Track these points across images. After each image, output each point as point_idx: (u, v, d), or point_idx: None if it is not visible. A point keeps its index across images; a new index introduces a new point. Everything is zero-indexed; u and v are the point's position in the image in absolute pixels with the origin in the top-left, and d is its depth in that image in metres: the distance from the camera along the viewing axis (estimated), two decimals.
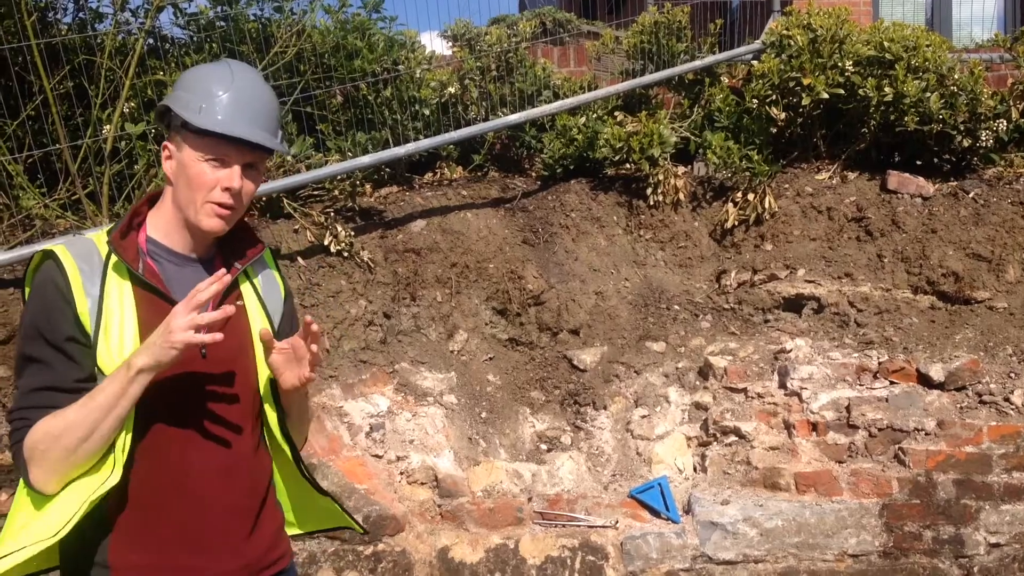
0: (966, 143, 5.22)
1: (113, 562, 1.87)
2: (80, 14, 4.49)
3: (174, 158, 1.94)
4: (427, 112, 5.19)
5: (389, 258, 4.76)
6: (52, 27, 4.26)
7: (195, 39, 4.62)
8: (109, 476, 1.83)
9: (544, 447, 4.53)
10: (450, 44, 5.75)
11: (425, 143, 4.91)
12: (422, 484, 4.05)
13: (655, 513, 4.08)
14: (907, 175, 5.14)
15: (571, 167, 5.46)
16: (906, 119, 5.04)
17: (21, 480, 1.88)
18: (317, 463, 3.88)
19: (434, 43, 5.91)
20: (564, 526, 3.98)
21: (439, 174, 5.52)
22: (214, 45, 4.56)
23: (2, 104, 3.87)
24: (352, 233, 4.64)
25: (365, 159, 4.65)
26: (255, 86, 1.99)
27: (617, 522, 4.00)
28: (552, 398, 4.74)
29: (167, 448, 1.91)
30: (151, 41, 4.47)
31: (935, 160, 5.31)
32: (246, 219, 2.12)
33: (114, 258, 1.91)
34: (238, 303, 2.04)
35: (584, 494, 4.16)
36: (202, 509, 1.94)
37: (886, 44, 5.14)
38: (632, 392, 4.70)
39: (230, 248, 2.08)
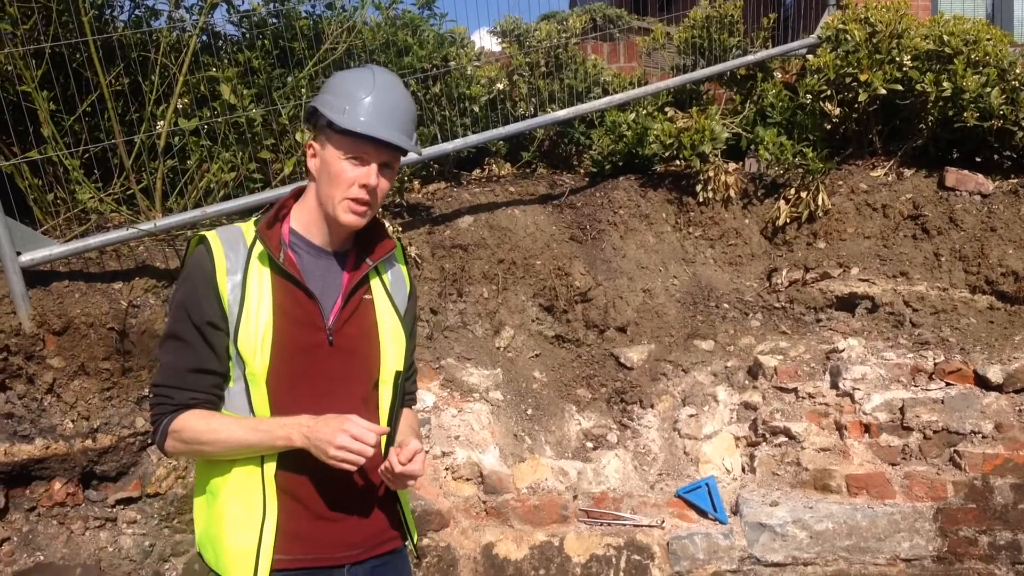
0: None
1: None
2: (136, 11, 4.56)
3: (318, 156, 2.09)
4: (476, 108, 5.18)
5: (436, 254, 4.77)
6: (108, 24, 4.33)
7: (248, 36, 4.67)
8: (266, 457, 2.03)
9: (590, 445, 4.50)
10: (499, 40, 5.75)
11: (473, 139, 4.91)
12: (467, 480, 4.05)
13: (702, 513, 4.03)
14: (966, 172, 5.01)
15: (620, 164, 5.43)
16: (965, 115, 4.92)
17: (196, 490, 2.16)
18: None
19: (483, 40, 5.91)
20: (609, 525, 3.95)
21: (487, 170, 5.52)
22: (267, 42, 4.60)
23: (60, 100, 3.95)
24: (400, 228, 4.66)
25: (413, 155, 4.65)
26: (395, 91, 2.12)
27: (663, 522, 3.96)
28: (598, 396, 4.71)
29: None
30: (204, 38, 4.52)
31: (995, 157, 5.16)
32: (379, 218, 2.28)
33: (258, 246, 2.07)
34: (366, 296, 2.17)
35: (630, 493, 4.13)
36: (323, 483, 2.07)
37: (945, 38, 5.02)
38: (680, 391, 4.65)
39: (364, 244, 2.20)
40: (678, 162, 5.30)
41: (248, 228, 2.13)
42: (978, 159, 5.18)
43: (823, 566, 3.90)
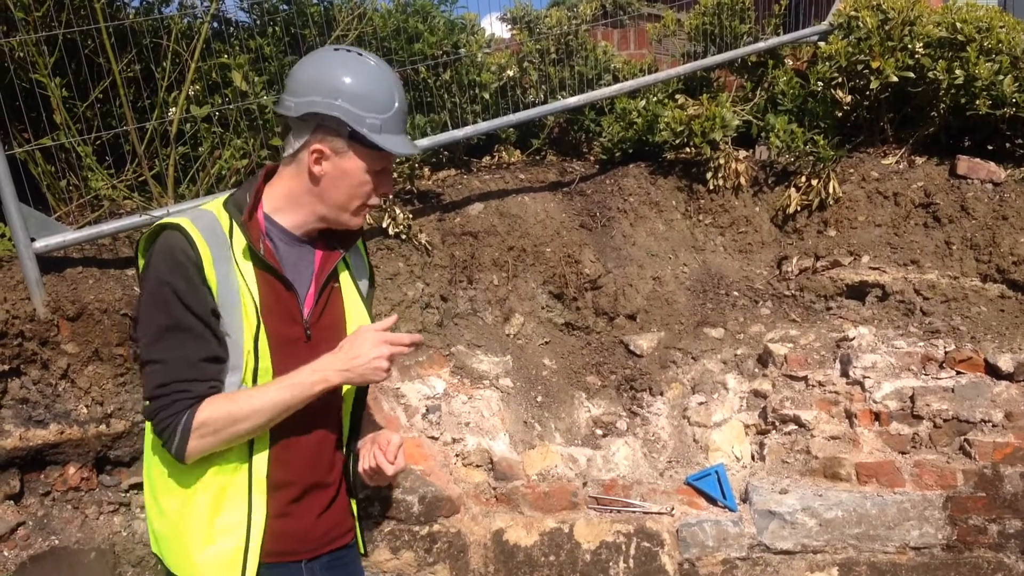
0: None
1: None
2: None
3: (330, 162, 2.01)
4: (486, 95, 5.18)
5: (446, 241, 4.78)
6: (121, 11, 4.33)
7: (259, 23, 4.67)
8: (255, 457, 1.99)
9: (599, 432, 4.51)
10: (509, 27, 5.73)
11: (483, 126, 4.90)
12: (477, 466, 4.07)
13: (712, 501, 4.05)
14: (977, 160, 4.99)
15: (630, 151, 5.42)
16: (977, 103, 4.89)
17: (161, 493, 2.02)
18: None
19: (493, 26, 5.90)
20: (619, 512, 3.97)
21: (497, 157, 5.52)
22: (278, 28, 4.60)
23: (72, 86, 3.96)
24: (410, 216, 4.66)
25: (424, 142, 4.66)
26: (402, 89, 2.08)
27: (673, 509, 3.98)
28: (608, 383, 4.72)
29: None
30: (216, 25, 4.53)
31: (1007, 145, 5.14)
32: None
33: (238, 235, 1.98)
34: (335, 285, 2.14)
35: (639, 480, 4.14)
36: (291, 480, 2.05)
37: (958, 25, 4.99)
38: (689, 378, 4.66)
39: (330, 231, 2.15)
40: (688, 149, 5.29)
41: (220, 212, 2.03)
42: (990, 147, 5.16)
43: (832, 554, 3.91)
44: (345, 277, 2.18)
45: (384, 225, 4.55)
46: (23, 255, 3.63)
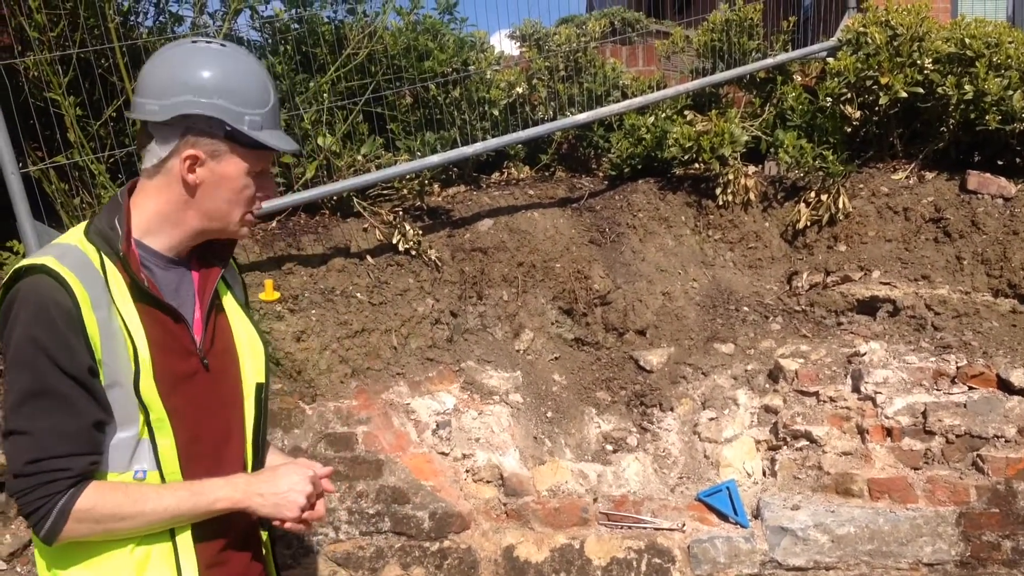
0: None
1: None
2: (160, 18, 4.61)
3: (206, 167, 1.79)
4: (495, 112, 5.21)
5: (456, 257, 4.79)
6: (134, 30, 4.38)
7: (270, 42, 4.71)
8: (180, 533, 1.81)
9: (610, 448, 4.51)
10: (518, 44, 5.77)
11: (493, 143, 4.93)
12: (487, 482, 4.07)
13: (723, 517, 4.03)
14: (988, 175, 4.99)
15: (639, 167, 5.44)
16: (987, 118, 4.89)
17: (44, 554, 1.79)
18: (385, 459, 3.93)
19: (503, 43, 5.94)
20: (630, 528, 3.96)
21: (506, 174, 5.54)
22: (289, 47, 4.64)
23: (86, 105, 3.99)
24: (420, 232, 4.68)
25: (434, 159, 4.68)
26: (273, 84, 1.89)
27: (684, 525, 3.96)
28: (618, 399, 4.71)
29: (185, 462, 1.84)
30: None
31: (1017, 160, 5.13)
32: None
33: (112, 269, 1.76)
34: (218, 304, 1.98)
35: (650, 496, 4.13)
36: (220, 528, 1.88)
37: (967, 41, 5.00)
38: (699, 394, 4.65)
39: (203, 247, 1.95)
40: (697, 165, 5.30)
41: (85, 246, 1.77)
42: (1000, 162, 5.16)
43: (845, 570, 3.89)
44: (227, 296, 2.00)
45: (394, 241, 4.57)
46: None
